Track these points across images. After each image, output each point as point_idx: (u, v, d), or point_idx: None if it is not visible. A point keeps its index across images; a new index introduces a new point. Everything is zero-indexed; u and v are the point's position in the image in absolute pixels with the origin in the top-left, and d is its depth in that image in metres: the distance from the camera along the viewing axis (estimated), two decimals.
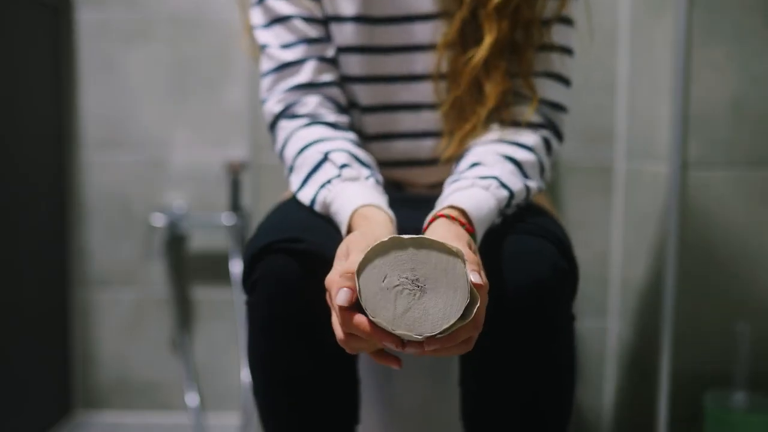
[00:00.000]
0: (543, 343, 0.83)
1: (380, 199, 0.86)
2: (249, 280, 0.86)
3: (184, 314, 1.69)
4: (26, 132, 1.52)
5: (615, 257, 1.59)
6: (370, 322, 0.66)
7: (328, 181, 0.88)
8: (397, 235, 0.66)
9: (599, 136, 1.58)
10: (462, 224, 0.77)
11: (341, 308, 0.68)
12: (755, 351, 1.26)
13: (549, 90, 0.94)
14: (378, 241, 0.66)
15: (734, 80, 1.26)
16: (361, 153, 0.94)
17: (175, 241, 1.67)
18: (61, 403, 1.66)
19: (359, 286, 0.65)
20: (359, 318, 0.67)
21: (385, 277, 0.65)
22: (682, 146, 1.26)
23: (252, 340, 0.88)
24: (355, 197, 0.84)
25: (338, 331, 0.70)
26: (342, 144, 0.93)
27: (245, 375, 1.60)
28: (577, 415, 1.63)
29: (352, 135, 0.97)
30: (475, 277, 0.67)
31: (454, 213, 0.79)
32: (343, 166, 0.89)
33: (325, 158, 0.90)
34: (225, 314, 1.68)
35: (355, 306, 0.68)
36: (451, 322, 0.64)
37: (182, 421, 1.67)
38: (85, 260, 1.68)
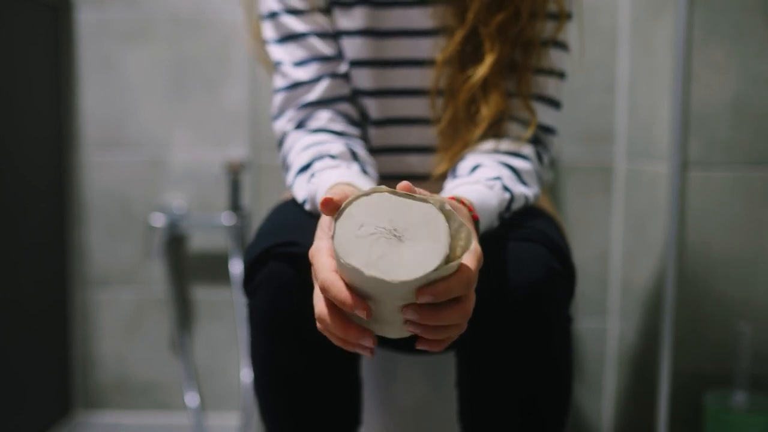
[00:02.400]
0: (538, 344, 0.83)
1: (361, 181, 0.83)
2: (250, 285, 0.86)
3: (184, 314, 1.69)
4: (26, 132, 1.52)
5: (615, 257, 1.59)
6: (348, 287, 0.62)
7: (312, 175, 0.88)
8: (378, 186, 0.63)
9: (599, 136, 1.58)
10: (470, 210, 0.77)
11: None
12: (755, 351, 1.26)
13: (541, 114, 0.95)
14: (360, 192, 0.63)
15: (734, 80, 1.26)
16: (361, 151, 0.94)
17: (174, 241, 1.67)
18: (61, 403, 1.66)
19: (334, 233, 0.62)
20: (335, 278, 0.63)
21: (361, 226, 0.62)
22: (682, 146, 1.26)
23: (254, 342, 0.89)
24: (332, 179, 0.83)
25: (319, 305, 0.66)
26: (343, 141, 0.93)
27: (245, 375, 1.60)
28: (577, 415, 1.63)
29: (358, 141, 0.97)
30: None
31: (464, 200, 0.79)
32: (329, 157, 0.89)
33: (321, 156, 0.90)
34: (225, 314, 1.68)
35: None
36: (428, 270, 0.60)
37: (182, 421, 1.67)
38: (85, 260, 1.68)
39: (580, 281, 1.13)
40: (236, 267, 1.63)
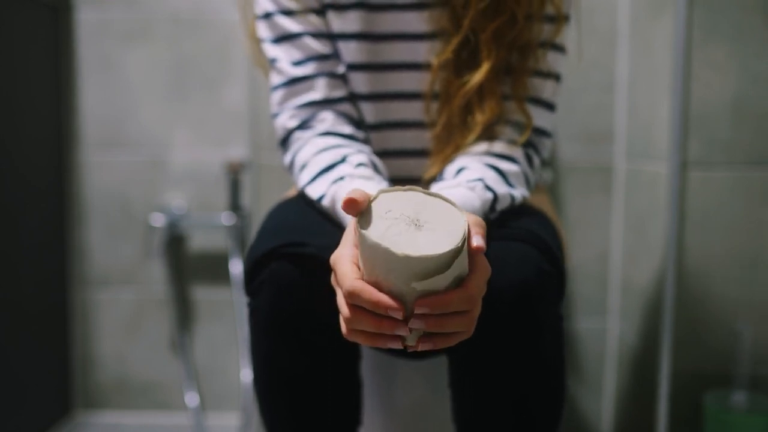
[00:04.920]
0: (529, 343, 0.82)
1: None
2: (251, 285, 0.86)
3: (184, 314, 1.69)
4: (26, 132, 1.52)
5: (615, 257, 1.59)
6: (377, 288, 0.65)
7: (341, 178, 0.88)
8: (414, 186, 0.69)
9: (599, 136, 1.58)
10: None
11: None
12: (755, 351, 1.26)
13: (536, 116, 0.95)
14: (398, 187, 0.68)
15: (734, 80, 1.26)
16: (379, 162, 0.94)
17: (174, 241, 1.67)
18: (61, 403, 1.67)
19: (360, 217, 0.66)
20: (363, 284, 0.65)
21: (388, 211, 0.66)
22: (682, 146, 1.26)
23: (255, 343, 0.88)
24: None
25: (343, 309, 0.68)
26: (362, 150, 0.93)
27: (245, 375, 1.60)
28: (577, 415, 1.63)
29: (369, 148, 0.97)
30: (478, 240, 0.66)
31: None
32: (360, 165, 0.89)
33: (343, 160, 0.90)
34: (225, 314, 1.68)
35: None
36: (438, 252, 0.63)
37: (182, 421, 1.67)
38: (85, 260, 1.69)
39: (580, 281, 1.12)
40: (236, 267, 1.63)
